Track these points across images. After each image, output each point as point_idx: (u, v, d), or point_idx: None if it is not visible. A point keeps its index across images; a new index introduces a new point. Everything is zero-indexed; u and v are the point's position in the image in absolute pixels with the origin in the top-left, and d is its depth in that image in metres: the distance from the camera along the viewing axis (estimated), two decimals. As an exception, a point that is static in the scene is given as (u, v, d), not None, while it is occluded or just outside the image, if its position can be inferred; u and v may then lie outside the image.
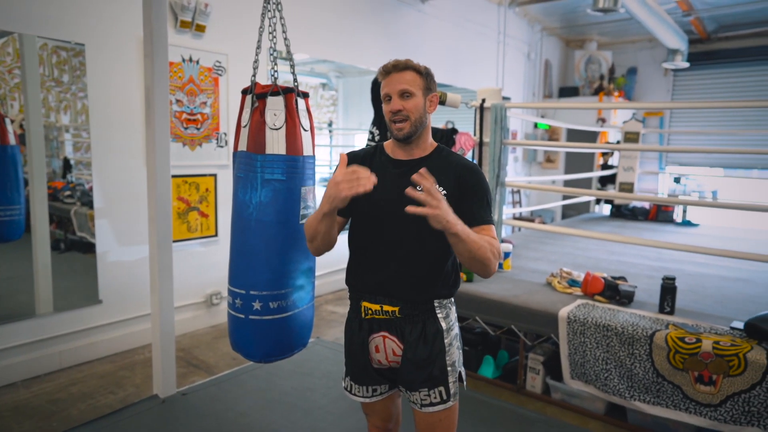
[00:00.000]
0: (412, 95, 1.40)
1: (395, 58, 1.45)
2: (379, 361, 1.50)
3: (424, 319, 1.46)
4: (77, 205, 3.28)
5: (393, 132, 1.43)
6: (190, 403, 2.56)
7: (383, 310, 1.45)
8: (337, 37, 4.51)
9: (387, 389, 1.56)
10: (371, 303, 1.47)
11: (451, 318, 1.52)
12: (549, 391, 2.82)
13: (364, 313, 1.48)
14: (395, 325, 1.46)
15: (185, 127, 3.54)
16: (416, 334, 1.45)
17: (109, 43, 3.13)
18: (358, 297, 1.50)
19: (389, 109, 1.41)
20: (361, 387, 1.54)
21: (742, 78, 6.88)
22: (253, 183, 1.83)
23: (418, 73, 1.42)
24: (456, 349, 1.51)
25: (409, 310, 1.45)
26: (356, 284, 1.51)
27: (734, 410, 2.18)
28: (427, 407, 1.46)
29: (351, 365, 1.55)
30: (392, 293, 1.44)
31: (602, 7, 4.32)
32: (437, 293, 1.47)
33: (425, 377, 1.44)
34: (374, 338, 1.48)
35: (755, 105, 2.93)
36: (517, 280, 3.22)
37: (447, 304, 1.51)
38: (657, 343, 2.34)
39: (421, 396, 1.46)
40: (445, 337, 1.47)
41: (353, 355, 1.52)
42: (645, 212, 5.87)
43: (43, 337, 3.00)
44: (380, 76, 1.43)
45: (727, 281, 3.34)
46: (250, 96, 1.86)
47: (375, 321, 1.47)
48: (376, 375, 1.52)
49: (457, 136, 3.29)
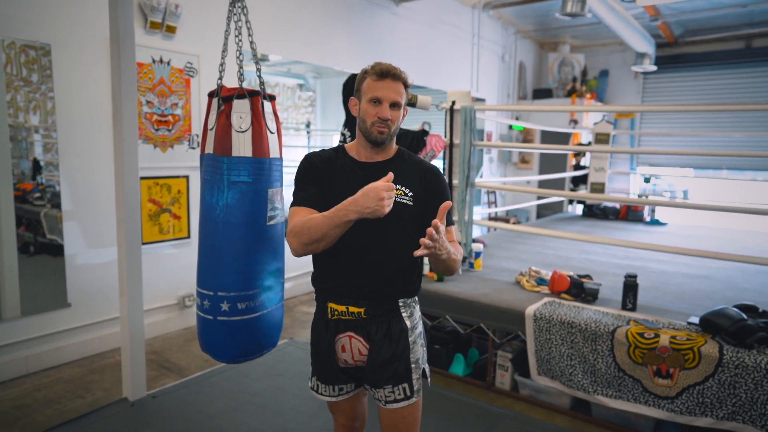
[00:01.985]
0: (399, 107, 1.45)
1: (384, 62, 1.45)
2: (345, 360, 1.53)
3: (389, 318, 1.50)
4: (47, 207, 3.23)
5: (372, 135, 1.45)
6: (160, 406, 2.56)
7: (349, 311, 1.48)
8: (310, 39, 4.52)
9: (353, 388, 1.59)
10: (337, 304, 1.49)
11: (416, 316, 1.56)
12: (517, 388, 2.88)
13: (330, 314, 1.51)
14: (361, 326, 1.50)
15: (156, 128, 3.52)
16: (381, 334, 1.49)
17: (76, 44, 3.09)
18: (325, 298, 1.53)
19: (378, 114, 1.42)
20: (327, 386, 1.57)
21: (709, 81, 7.11)
22: (219, 185, 1.84)
23: (405, 86, 1.47)
24: (420, 347, 1.55)
25: (374, 311, 1.48)
26: (322, 286, 1.54)
27: (689, 402, 2.26)
28: (391, 404, 1.50)
29: (318, 365, 1.58)
30: (358, 295, 1.48)
31: (570, 12, 4.42)
32: (402, 293, 1.52)
33: (390, 374, 1.48)
34: (340, 338, 1.51)
35: (721, 108, 3.05)
36: (487, 279, 3.28)
37: (411, 303, 1.55)
38: (618, 338, 2.41)
39: (385, 393, 1.50)
40: (409, 335, 1.51)
41: (320, 355, 1.55)
42: (616, 212, 6.03)
43: (9, 341, 2.94)
44: (371, 76, 1.44)
45: (688, 278, 3.45)
46: (216, 99, 1.87)
47: (341, 322, 1.50)
48: (342, 374, 1.55)
49: (428, 138, 3.33)
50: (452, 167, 3.41)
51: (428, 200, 1.47)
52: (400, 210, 1.43)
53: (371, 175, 1.44)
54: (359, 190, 1.33)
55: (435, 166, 1.58)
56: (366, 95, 1.44)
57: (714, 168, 7.24)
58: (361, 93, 1.46)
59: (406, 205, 1.45)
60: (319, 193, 1.47)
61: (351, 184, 1.42)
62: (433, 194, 1.48)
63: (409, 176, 1.48)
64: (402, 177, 1.47)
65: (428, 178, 1.50)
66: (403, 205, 1.44)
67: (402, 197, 1.45)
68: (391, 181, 1.32)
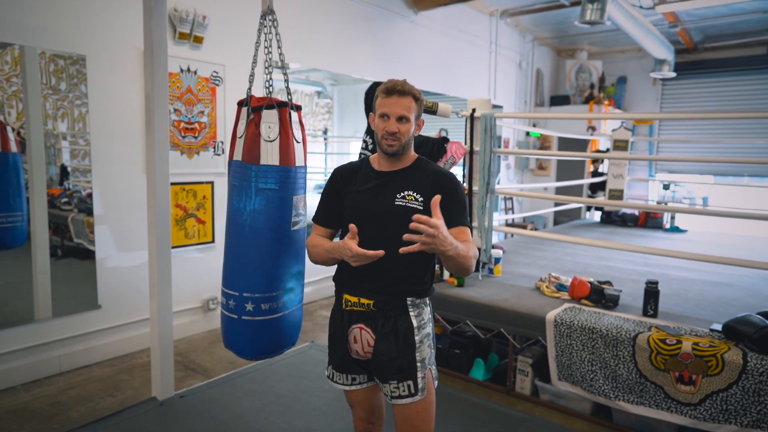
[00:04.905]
0: (407, 120, 1.55)
1: (395, 79, 1.57)
2: (356, 351, 1.63)
3: (397, 314, 1.58)
4: (74, 211, 3.34)
5: (383, 147, 1.57)
6: (188, 405, 2.63)
7: (360, 302, 1.59)
8: (329, 47, 4.61)
9: (366, 379, 1.68)
10: (351, 295, 1.61)
11: (424, 317, 1.63)
12: (537, 393, 2.90)
13: (344, 304, 1.62)
14: (370, 318, 1.59)
15: (183, 135, 3.62)
16: (388, 328, 1.57)
17: (109, 54, 3.21)
18: (341, 290, 1.65)
19: (386, 129, 1.55)
20: (341, 375, 1.68)
21: (729, 87, 7.04)
22: (247, 191, 1.92)
23: (415, 99, 1.57)
24: (427, 347, 1.61)
25: (382, 304, 1.58)
26: (340, 279, 1.66)
27: (713, 409, 2.26)
28: (396, 399, 1.57)
29: (333, 354, 1.69)
30: (369, 288, 1.58)
31: (589, 20, 4.44)
32: (410, 291, 1.60)
33: (395, 369, 1.56)
34: (353, 329, 1.61)
35: (742, 116, 3.04)
36: (507, 284, 3.30)
37: (420, 303, 1.62)
38: (640, 344, 2.42)
39: (391, 388, 1.57)
40: (416, 334, 1.58)
41: (335, 344, 1.67)
42: (634, 218, 5.99)
43: (43, 341, 3.05)
44: (381, 93, 1.56)
45: (709, 285, 3.44)
46: (246, 108, 1.95)
47: (354, 313, 1.61)
48: (355, 365, 1.65)
49: (449, 145, 3.37)
50: (472, 174, 3.45)
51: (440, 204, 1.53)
52: (410, 213, 1.49)
53: (384, 183, 1.59)
54: (372, 195, 1.56)
55: (449, 172, 1.67)
56: (377, 111, 1.57)
57: (735, 175, 7.16)
58: (374, 109, 1.60)
59: (416, 209, 1.54)
60: (335, 206, 1.67)
61: (366, 190, 1.60)
62: (444, 198, 1.52)
63: (421, 182, 1.58)
64: (414, 183, 1.58)
65: (439, 182, 1.58)
66: (413, 210, 1.53)
67: (412, 201, 1.55)
68: (378, 257, 1.47)
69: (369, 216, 1.58)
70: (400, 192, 1.57)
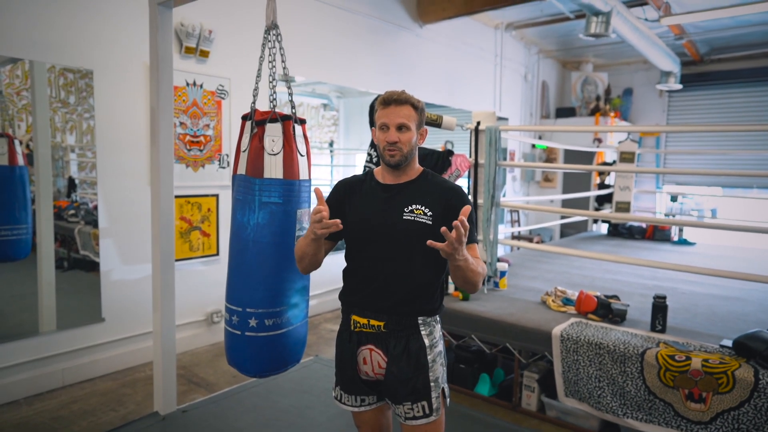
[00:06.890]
0: (408, 129, 1.50)
1: (393, 89, 1.54)
2: (366, 372, 1.58)
3: (408, 334, 1.53)
4: (81, 224, 3.35)
5: (385, 158, 1.53)
6: (190, 420, 2.60)
7: (370, 324, 1.54)
8: (335, 60, 4.63)
9: (375, 400, 1.63)
10: (360, 317, 1.55)
11: (435, 336, 1.58)
12: (544, 409, 2.85)
13: (353, 326, 1.57)
14: (381, 339, 1.54)
15: (188, 148, 3.64)
16: (400, 349, 1.53)
17: (116, 69, 3.24)
18: (349, 311, 1.59)
19: (386, 139, 1.50)
20: (350, 396, 1.62)
21: (736, 99, 7.01)
22: (251, 205, 1.91)
23: (415, 108, 1.52)
24: (440, 366, 1.57)
25: (393, 325, 1.53)
26: (347, 299, 1.60)
27: (724, 427, 2.21)
28: (410, 420, 1.53)
29: (341, 375, 1.63)
30: (379, 308, 1.53)
31: (594, 33, 4.45)
32: (421, 310, 1.55)
33: (409, 391, 1.51)
34: (362, 350, 1.56)
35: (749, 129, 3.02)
36: (513, 298, 3.27)
37: (431, 322, 1.58)
38: (648, 360, 2.38)
39: (405, 409, 1.53)
40: (428, 353, 1.54)
41: (343, 365, 1.61)
42: (642, 231, 5.93)
43: (46, 354, 3.05)
44: (379, 105, 1.53)
45: (718, 300, 3.38)
46: (249, 122, 1.95)
47: (363, 334, 1.56)
48: (364, 386, 1.60)
49: (453, 158, 3.36)
50: (477, 187, 3.44)
51: (448, 219, 1.48)
52: (419, 228, 1.48)
53: (391, 196, 1.54)
54: (378, 209, 1.50)
55: (458, 186, 1.61)
56: (377, 123, 1.54)
57: (743, 187, 7.09)
58: (374, 122, 1.56)
59: (425, 224, 1.49)
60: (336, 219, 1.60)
61: (372, 204, 1.54)
62: (454, 213, 1.48)
63: (429, 196, 1.53)
64: (422, 197, 1.53)
65: (449, 197, 1.54)
66: (422, 224, 1.49)
67: (421, 216, 1.49)
68: (320, 196, 1.43)
69: (376, 231, 1.52)
70: (408, 206, 1.51)
